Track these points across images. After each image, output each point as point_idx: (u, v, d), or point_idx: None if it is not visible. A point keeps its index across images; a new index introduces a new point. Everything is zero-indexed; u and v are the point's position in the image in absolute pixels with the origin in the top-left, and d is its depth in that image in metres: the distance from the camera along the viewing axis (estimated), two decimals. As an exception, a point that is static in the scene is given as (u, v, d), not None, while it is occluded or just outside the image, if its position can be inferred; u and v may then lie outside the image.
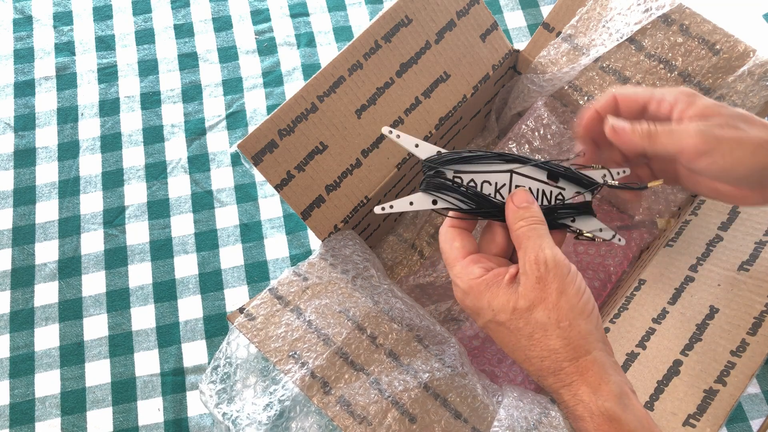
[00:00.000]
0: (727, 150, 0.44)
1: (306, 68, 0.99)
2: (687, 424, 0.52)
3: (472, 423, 0.52)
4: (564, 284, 0.42)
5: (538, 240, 0.44)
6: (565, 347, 0.42)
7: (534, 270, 0.43)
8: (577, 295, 0.43)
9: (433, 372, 0.54)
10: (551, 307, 0.42)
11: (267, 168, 0.61)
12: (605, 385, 0.42)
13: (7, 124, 0.96)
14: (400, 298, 0.60)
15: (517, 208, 0.46)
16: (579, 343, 0.42)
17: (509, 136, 0.76)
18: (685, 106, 0.47)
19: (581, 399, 0.42)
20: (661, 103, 0.48)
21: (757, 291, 0.57)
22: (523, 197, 0.47)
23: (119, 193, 0.91)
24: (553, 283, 0.42)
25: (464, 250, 0.47)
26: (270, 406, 0.56)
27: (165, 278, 0.86)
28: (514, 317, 0.43)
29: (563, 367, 0.42)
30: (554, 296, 0.42)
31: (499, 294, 0.43)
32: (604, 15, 0.70)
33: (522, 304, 0.43)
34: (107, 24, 1.03)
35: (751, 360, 0.54)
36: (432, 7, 0.67)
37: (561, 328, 0.42)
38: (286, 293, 0.58)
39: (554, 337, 0.42)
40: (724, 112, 0.46)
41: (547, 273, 0.42)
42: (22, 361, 0.82)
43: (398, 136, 0.50)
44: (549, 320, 0.42)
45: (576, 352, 0.42)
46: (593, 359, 0.42)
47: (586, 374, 0.42)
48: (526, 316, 0.43)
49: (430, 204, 0.48)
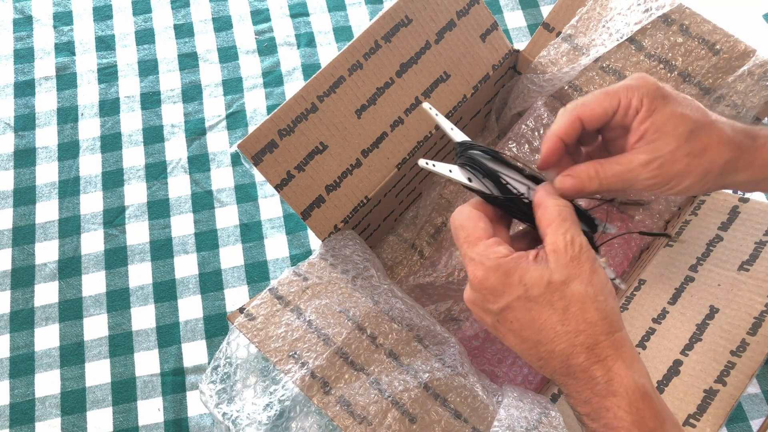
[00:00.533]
0: (675, 183, 0.46)
1: (306, 68, 0.99)
2: (687, 424, 0.52)
3: (472, 423, 0.52)
4: (596, 266, 0.43)
5: (573, 224, 0.44)
6: (602, 320, 0.42)
7: (569, 249, 0.43)
8: (606, 278, 0.43)
9: (433, 372, 0.54)
10: (587, 282, 0.42)
11: (267, 168, 0.61)
12: (637, 362, 0.42)
13: (7, 124, 0.96)
14: (400, 298, 0.60)
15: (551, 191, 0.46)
16: (613, 319, 0.42)
17: (509, 136, 0.76)
18: (645, 116, 0.46)
19: (617, 373, 0.41)
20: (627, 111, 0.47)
21: (757, 291, 0.57)
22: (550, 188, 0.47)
23: (119, 193, 0.91)
24: (587, 262, 0.42)
25: (488, 231, 0.46)
26: (270, 406, 0.56)
27: (165, 278, 0.86)
28: (548, 291, 0.42)
29: (600, 341, 0.42)
30: (588, 273, 0.42)
31: (530, 269, 0.43)
32: (604, 15, 0.70)
33: (557, 277, 0.42)
34: (107, 24, 1.03)
35: (751, 360, 0.54)
36: (432, 7, 0.67)
37: (598, 301, 0.42)
38: (286, 293, 0.58)
39: (592, 310, 0.42)
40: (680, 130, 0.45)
41: (581, 253, 0.42)
42: (22, 361, 0.82)
43: (437, 114, 0.51)
44: (587, 294, 0.42)
45: (611, 327, 0.42)
46: (624, 336, 0.42)
47: (620, 349, 0.42)
48: (562, 289, 0.42)
49: (464, 179, 0.48)
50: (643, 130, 0.46)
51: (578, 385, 0.43)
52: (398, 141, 0.66)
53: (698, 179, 0.46)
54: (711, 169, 0.46)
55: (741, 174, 0.47)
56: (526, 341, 0.44)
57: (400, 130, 0.66)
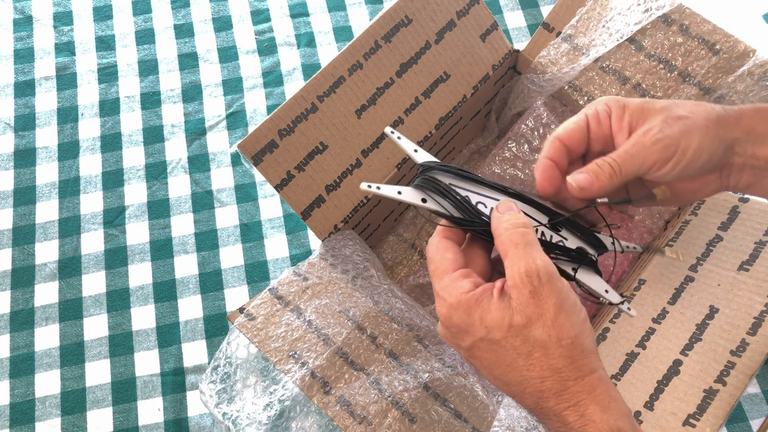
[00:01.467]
0: (685, 145, 0.44)
1: (306, 68, 0.99)
2: (687, 424, 0.52)
3: (472, 423, 0.52)
4: (560, 299, 0.39)
5: (527, 248, 0.40)
6: (568, 366, 0.39)
7: (526, 283, 0.39)
8: (574, 312, 0.40)
9: (433, 372, 0.54)
10: (550, 324, 0.39)
11: (267, 168, 0.61)
12: (614, 403, 0.39)
13: (7, 124, 0.96)
14: (400, 298, 0.60)
15: (501, 214, 0.43)
16: (583, 362, 0.39)
17: (509, 135, 0.76)
18: (620, 112, 0.46)
19: (591, 419, 0.38)
20: (598, 118, 0.47)
21: (757, 291, 0.57)
22: (509, 205, 0.44)
23: (119, 193, 0.91)
24: (549, 298, 0.39)
25: (456, 263, 0.43)
26: (270, 406, 0.56)
27: (165, 278, 0.86)
28: (510, 335, 0.40)
29: (568, 387, 0.39)
30: (552, 312, 0.39)
31: (492, 309, 0.40)
32: (604, 15, 0.70)
33: (518, 320, 0.39)
34: (107, 24, 1.03)
35: (751, 360, 0.54)
36: (432, 7, 0.67)
37: (563, 347, 0.39)
38: (286, 293, 0.58)
39: (556, 357, 0.39)
40: (657, 105, 0.45)
41: (541, 286, 0.39)
42: (22, 361, 0.82)
43: (399, 138, 0.49)
44: (549, 338, 0.39)
45: (580, 371, 0.39)
46: (599, 377, 0.39)
47: (593, 392, 0.39)
48: (524, 333, 0.39)
49: (419, 200, 0.46)
50: (627, 124, 0.46)
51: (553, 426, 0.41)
52: (398, 141, 0.66)
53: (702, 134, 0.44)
54: (708, 123, 0.45)
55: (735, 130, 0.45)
56: (498, 379, 0.42)
57: (401, 130, 0.66)
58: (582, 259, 0.46)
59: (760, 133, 0.46)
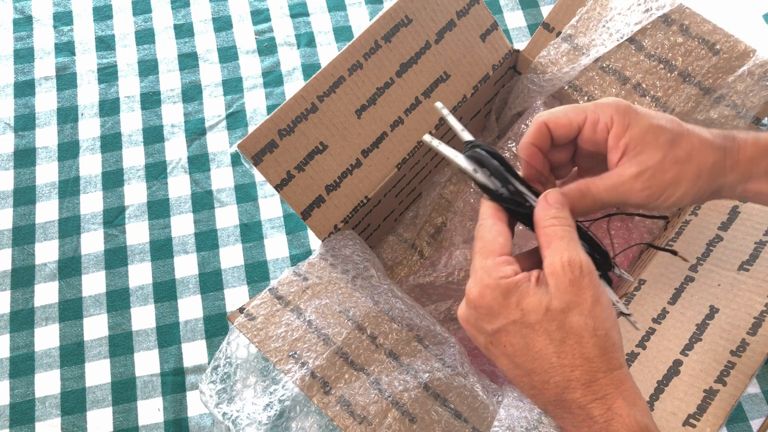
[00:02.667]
0: (670, 193, 0.44)
1: (306, 68, 0.99)
2: (687, 424, 0.52)
3: (472, 423, 0.52)
4: (597, 292, 0.40)
5: (571, 242, 0.41)
6: (600, 357, 0.39)
7: (567, 271, 0.40)
8: (609, 307, 0.40)
9: (433, 372, 0.54)
10: (587, 313, 0.39)
11: (267, 168, 0.61)
12: (639, 400, 0.39)
13: (7, 124, 0.96)
14: (400, 298, 0.60)
15: (549, 205, 0.43)
16: (613, 355, 0.39)
17: (509, 135, 0.76)
18: (621, 131, 0.45)
19: (618, 413, 0.38)
20: (596, 125, 0.46)
21: (757, 291, 0.57)
22: (558, 198, 0.44)
23: (119, 193, 0.91)
24: (588, 289, 0.39)
25: (504, 248, 0.43)
26: (270, 406, 0.56)
27: (165, 278, 0.86)
28: (546, 318, 0.40)
29: (597, 378, 0.39)
30: (590, 302, 0.39)
31: (530, 293, 0.40)
32: (604, 15, 0.70)
33: (556, 304, 0.39)
34: (107, 24, 1.03)
35: (751, 360, 0.54)
36: (432, 7, 0.67)
37: (598, 337, 0.39)
38: (286, 293, 0.58)
39: (590, 346, 0.39)
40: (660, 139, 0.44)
41: (581, 277, 0.39)
42: (22, 361, 0.82)
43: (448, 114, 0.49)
44: (585, 326, 0.39)
45: (611, 364, 0.39)
46: (626, 373, 0.40)
47: (621, 387, 0.39)
48: (560, 318, 0.39)
49: (471, 170, 0.46)
50: (624, 145, 0.45)
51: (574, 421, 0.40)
52: (398, 141, 0.66)
53: (691, 185, 0.44)
54: (701, 173, 0.44)
55: (729, 174, 0.45)
56: (519, 367, 0.42)
57: (400, 130, 0.66)
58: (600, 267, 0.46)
59: (754, 172, 0.46)
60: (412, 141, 0.67)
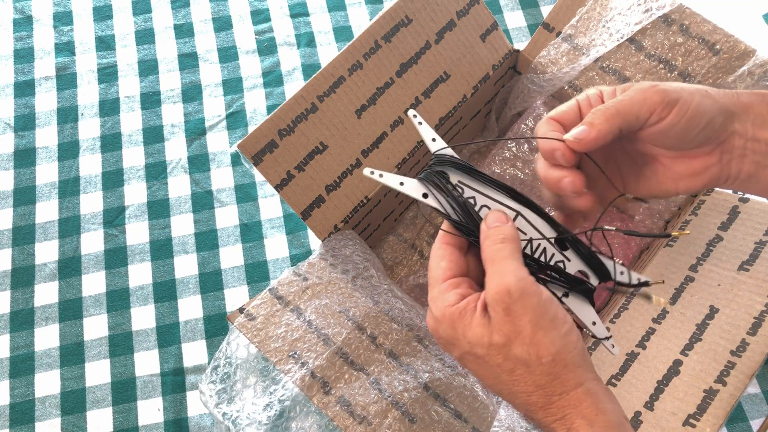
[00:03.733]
0: (687, 98, 0.42)
1: (306, 68, 0.99)
2: (687, 424, 0.52)
3: (472, 423, 0.52)
4: (536, 315, 0.38)
5: (502, 263, 0.39)
6: (551, 382, 0.38)
7: (499, 301, 0.38)
8: (554, 326, 0.38)
9: (433, 372, 0.54)
10: (528, 342, 0.38)
11: (267, 168, 0.61)
12: (602, 415, 0.38)
13: (7, 124, 0.96)
14: (400, 298, 0.60)
15: (488, 227, 0.42)
16: (567, 377, 0.38)
17: (508, 135, 0.76)
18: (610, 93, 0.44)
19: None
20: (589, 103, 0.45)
21: (757, 291, 0.57)
22: (497, 217, 0.42)
23: (119, 193, 0.91)
24: (523, 315, 0.38)
25: (448, 272, 0.42)
26: (270, 406, 0.56)
27: (165, 278, 0.86)
28: (491, 352, 0.39)
29: (553, 402, 0.39)
30: (528, 329, 0.38)
31: (473, 325, 0.39)
32: (604, 15, 0.70)
33: (497, 339, 0.39)
34: (107, 24, 1.03)
35: (751, 360, 0.54)
36: (432, 7, 0.67)
37: (544, 364, 0.38)
38: (286, 293, 0.58)
39: (538, 374, 0.38)
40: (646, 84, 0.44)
41: (513, 303, 0.38)
42: (22, 361, 0.82)
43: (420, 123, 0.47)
44: (529, 356, 0.38)
45: (565, 386, 0.38)
46: (585, 390, 0.39)
47: (579, 407, 0.38)
48: (504, 351, 0.39)
49: (419, 194, 0.44)
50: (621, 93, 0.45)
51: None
52: (398, 141, 0.66)
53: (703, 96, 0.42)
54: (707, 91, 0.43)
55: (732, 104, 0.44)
56: (490, 387, 0.42)
57: (400, 130, 0.66)
58: (574, 287, 0.44)
59: (758, 113, 0.44)
60: (412, 141, 0.67)
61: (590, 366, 0.40)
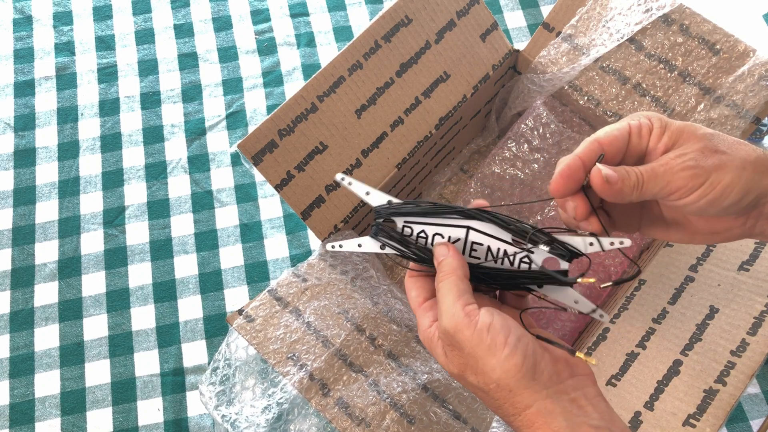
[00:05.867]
0: (716, 179, 0.42)
1: (306, 68, 0.99)
2: (687, 424, 0.52)
3: (471, 424, 0.52)
4: (472, 347, 0.40)
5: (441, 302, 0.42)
6: (502, 406, 0.40)
7: (444, 339, 0.42)
8: (491, 353, 0.40)
9: (431, 373, 0.54)
10: (477, 372, 0.40)
11: (267, 168, 0.61)
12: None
13: (7, 124, 0.96)
14: (399, 299, 0.60)
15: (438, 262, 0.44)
16: (515, 400, 0.40)
17: (508, 135, 0.76)
18: (660, 131, 0.44)
19: None
20: (640, 130, 0.45)
21: (757, 291, 0.57)
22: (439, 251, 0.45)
23: (119, 193, 0.91)
24: (463, 348, 0.40)
25: (420, 298, 0.45)
26: (268, 409, 0.56)
27: (165, 278, 0.86)
28: (455, 376, 0.43)
29: (510, 422, 0.41)
30: (472, 361, 0.40)
31: (438, 353, 0.43)
32: (604, 15, 0.70)
33: (453, 369, 0.42)
34: (107, 24, 1.03)
35: (751, 360, 0.53)
36: (432, 7, 0.67)
37: (491, 390, 0.40)
38: (285, 294, 0.58)
39: (491, 398, 0.41)
40: (699, 132, 0.43)
41: (452, 339, 0.41)
42: (22, 361, 0.82)
43: (350, 184, 0.48)
44: (479, 383, 0.41)
45: (515, 408, 0.40)
46: (537, 411, 0.39)
47: (532, 427, 0.40)
48: (463, 380, 0.42)
49: (377, 248, 0.47)
50: (664, 144, 0.44)
51: None
52: (398, 141, 0.66)
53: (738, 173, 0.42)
54: (745, 165, 0.42)
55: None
56: None
57: (400, 130, 0.66)
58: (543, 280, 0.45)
59: None
60: (412, 141, 0.67)
61: (544, 383, 0.40)
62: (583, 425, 0.39)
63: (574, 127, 0.74)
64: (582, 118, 0.73)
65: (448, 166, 0.84)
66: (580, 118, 0.73)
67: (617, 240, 0.45)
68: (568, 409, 0.40)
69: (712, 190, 0.42)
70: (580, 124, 0.74)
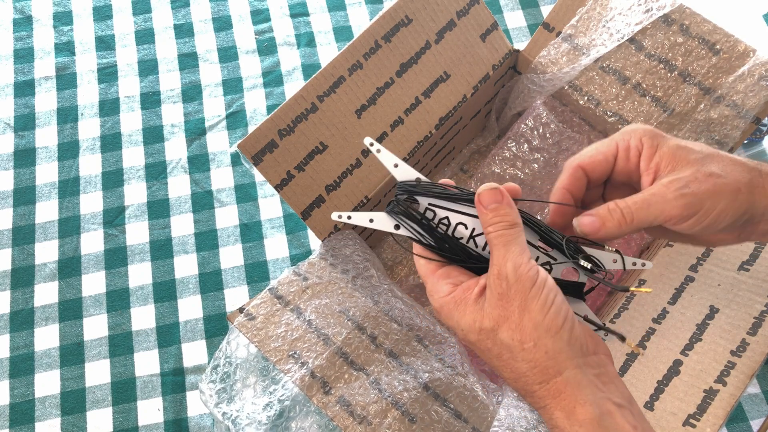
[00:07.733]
0: (710, 207, 0.42)
1: (306, 68, 0.99)
2: (687, 424, 0.52)
3: (472, 423, 0.52)
4: (526, 300, 0.39)
5: (502, 249, 0.40)
6: (531, 370, 0.39)
7: (497, 285, 0.40)
8: (542, 311, 0.39)
9: (433, 372, 0.54)
10: (514, 327, 0.39)
11: (267, 168, 0.61)
12: (580, 407, 0.38)
13: (7, 124, 0.96)
14: (400, 298, 0.60)
15: (485, 209, 0.42)
16: (547, 365, 0.39)
17: (509, 135, 0.76)
18: (651, 152, 0.44)
19: (556, 424, 0.39)
20: (628, 152, 0.45)
21: (757, 291, 0.57)
22: (491, 197, 0.42)
23: (119, 193, 0.91)
24: (515, 299, 0.39)
25: (431, 265, 0.44)
26: (270, 406, 0.56)
27: (165, 278, 0.86)
28: (481, 338, 0.41)
29: (534, 390, 0.40)
30: (516, 314, 0.39)
31: (467, 313, 0.41)
32: (604, 15, 0.70)
33: (487, 324, 0.40)
34: (107, 24, 1.03)
35: (751, 360, 0.54)
36: (432, 7, 0.67)
37: (525, 350, 0.39)
38: (286, 293, 0.58)
39: (520, 360, 0.39)
40: (692, 156, 0.43)
41: (508, 289, 0.39)
42: (22, 361, 0.82)
43: (378, 151, 0.46)
44: (513, 341, 0.39)
45: (544, 375, 0.39)
46: (565, 380, 0.39)
47: (558, 397, 0.39)
48: (492, 336, 0.40)
49: (391, 227, 0.45)
50: (656, 165, 0.44)
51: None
52: (398, 141, 0.66)
53: (731, 199, 0.42)
54: (739, 189, 0.42)
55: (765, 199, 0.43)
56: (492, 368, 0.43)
57: (400, 130, 0.66)
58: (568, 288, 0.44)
59: None
60: (412, 141, 0.67)
61: (579, 351, 0.40)
62: (607, 401, 0.39)
63: (574, 127, 0.74)
64: (582, 118, 0.73)
65: (448, 166, 0.84)
66: (580, 118, 0.73)
67: (640, 261, 0.45)
68: (594, 383, 0.40)
69: (707, 218, 0.42)
70: (580, 124, 0.74)
